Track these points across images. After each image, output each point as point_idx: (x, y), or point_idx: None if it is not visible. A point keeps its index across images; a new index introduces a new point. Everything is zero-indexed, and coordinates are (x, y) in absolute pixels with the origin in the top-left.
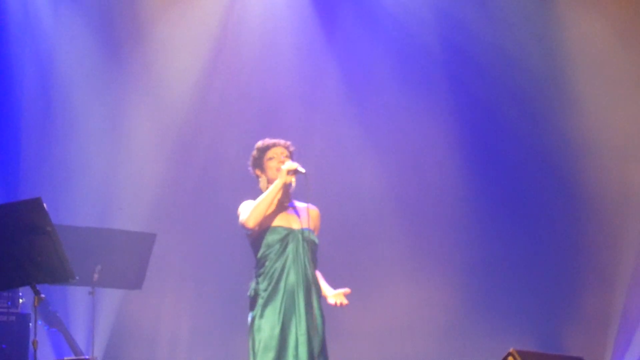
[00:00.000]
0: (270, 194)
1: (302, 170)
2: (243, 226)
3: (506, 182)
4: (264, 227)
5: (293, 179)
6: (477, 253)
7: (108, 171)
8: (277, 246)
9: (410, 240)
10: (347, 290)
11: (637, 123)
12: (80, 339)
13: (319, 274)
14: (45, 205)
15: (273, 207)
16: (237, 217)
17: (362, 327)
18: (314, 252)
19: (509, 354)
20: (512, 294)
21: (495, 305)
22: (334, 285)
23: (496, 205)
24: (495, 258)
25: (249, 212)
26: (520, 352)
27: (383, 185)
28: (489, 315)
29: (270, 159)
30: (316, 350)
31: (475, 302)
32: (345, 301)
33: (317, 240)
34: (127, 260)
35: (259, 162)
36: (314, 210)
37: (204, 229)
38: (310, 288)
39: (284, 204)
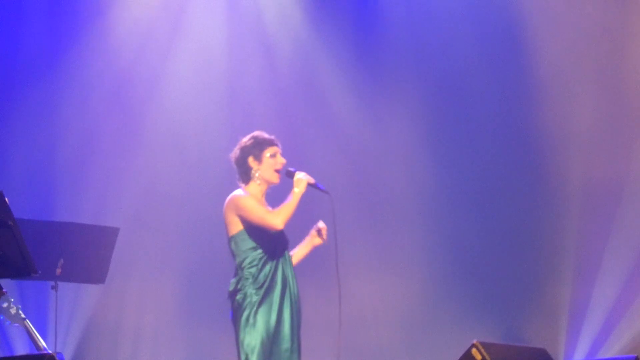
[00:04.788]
0: (295, 201)
1: (321, 188)
2: (270, 228)
3: (467, 177)
4: (255, 226)
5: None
6: (440, 246)
7: (71, 164)
8: (268, 244)
9: (374, 232)
10: (319, 225)
11: (601, 119)
12: (43, 334)
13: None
14: (7, 199)
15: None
16: (214, 206)
17: (326, 318)
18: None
19: (473, 345)
20: (475, 286)
21: (459, 298)
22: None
23: (458, 199)
24: (458, 251)
25: (276, 214)
26: (483, 344)
27: (347, 178)
28: (452, 307)
29: (272, 155)
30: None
31: (438, 295)
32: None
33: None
34: (90, 254)
35: (257, 153)
36: None
37: (168, 223)
38: (294, 281)
39: (265, 205)
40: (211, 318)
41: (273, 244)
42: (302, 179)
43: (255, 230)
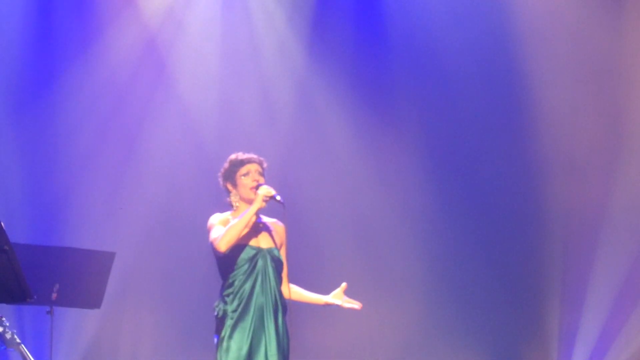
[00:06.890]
0: (245, 219)
1: (279, 198)
2: (214, 249)
3: (458, 204)
4: (233, 245)
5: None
6: (433, 274)
7: (68, 189)
8: (246, 266)
9: (370, 258)
10: (339, 298)
11: (592, 145)
12: (39, 359)
13: (297, 288)
14: (2, 223)
15: (246, 230)
16: (205, 232)
17: (324, 345)
18: (279, 271)
19: None
20: (467, 314)
21: (451, 326)
22: (304, 306)
23: (450, 227)
24: (450, 279)
25: (221, 235)
26: None
27: (342, 202)
28: (445, 336)
29: (245, 175)
30: None
31: (431, 323)
32: (355, 304)
33: (282, 258)
34: (86, 279)
35: (231, 176)
36: (280, 227)
37: (163, 247)
38: (278, 307)
39: (259, 225)
40: (209, 342)
41: (251, 267)
42: (258, 193)
43: (227, 253)
